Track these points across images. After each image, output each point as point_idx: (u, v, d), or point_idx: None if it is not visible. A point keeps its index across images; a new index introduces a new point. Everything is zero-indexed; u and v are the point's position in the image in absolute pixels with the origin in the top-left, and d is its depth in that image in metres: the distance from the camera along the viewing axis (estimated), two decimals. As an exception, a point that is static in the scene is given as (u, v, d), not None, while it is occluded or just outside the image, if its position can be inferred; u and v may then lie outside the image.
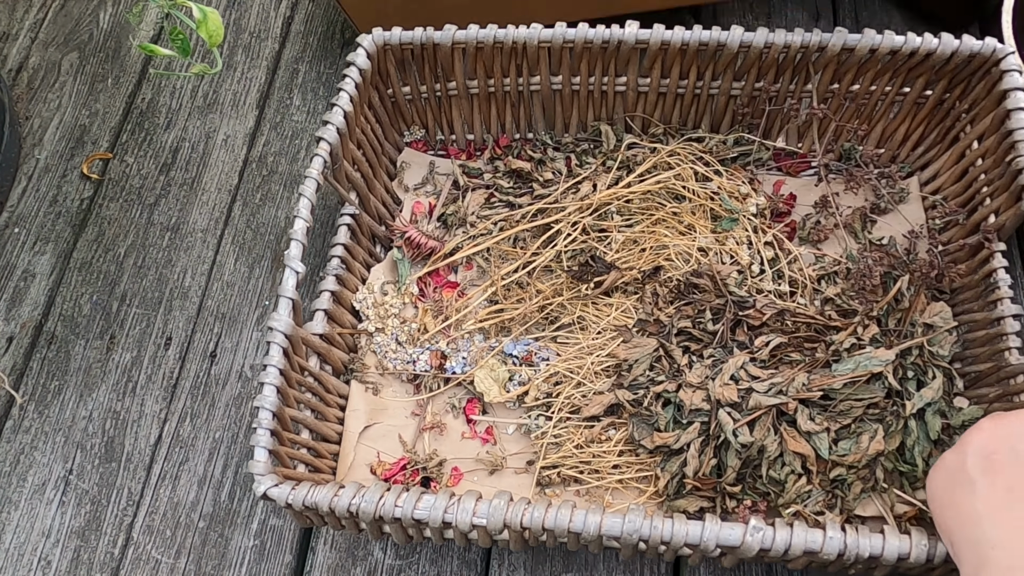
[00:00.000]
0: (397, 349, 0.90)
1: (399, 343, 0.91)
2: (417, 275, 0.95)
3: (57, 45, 1.22)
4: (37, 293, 1.03)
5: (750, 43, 0.87)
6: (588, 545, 0.70)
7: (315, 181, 0.83)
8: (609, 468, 0.83)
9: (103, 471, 0.92)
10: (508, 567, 0.85)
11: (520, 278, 0.93)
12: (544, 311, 0.91)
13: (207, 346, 0.99)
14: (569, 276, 0.90)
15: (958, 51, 0.86)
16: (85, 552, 0.88)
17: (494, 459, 0.85)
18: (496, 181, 1.00)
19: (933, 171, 0.95)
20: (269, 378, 0.75)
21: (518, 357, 0.89)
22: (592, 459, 0.83)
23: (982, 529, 0.58)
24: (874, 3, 1.16)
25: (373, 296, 0.92)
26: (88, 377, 0.97)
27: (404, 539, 0.74)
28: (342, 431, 0.87)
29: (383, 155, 1.00)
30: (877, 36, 0.86)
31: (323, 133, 0.85)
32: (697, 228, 0.92)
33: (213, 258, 1.04)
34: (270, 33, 1.21)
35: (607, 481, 0.83)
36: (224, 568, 0.87)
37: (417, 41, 0.92)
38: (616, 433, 0.85)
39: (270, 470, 0.72)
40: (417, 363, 0.90)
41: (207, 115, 1.15)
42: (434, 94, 0.99)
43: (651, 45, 0.89)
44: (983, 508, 0.59)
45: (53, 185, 1.10)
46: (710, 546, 0.65)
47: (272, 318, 0.76)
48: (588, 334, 0.90)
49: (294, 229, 0.81)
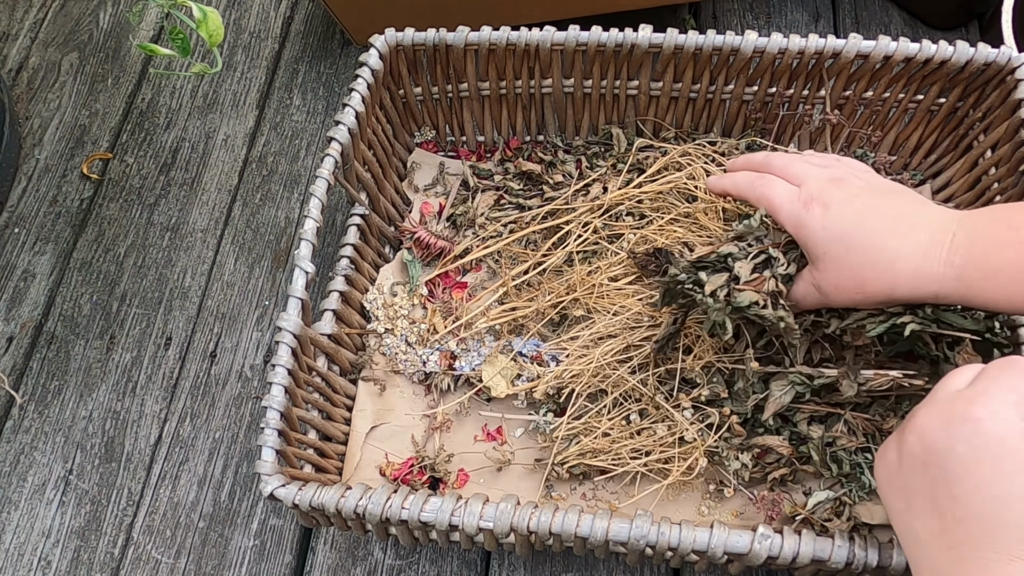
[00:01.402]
0: (407, 350, 0.90)
1: (409, 344, 0.90)
2: (427, 277, 0.94)
3: (57, 45, 1.22)
4: (37, 293, 1.02)
5: (763, 48, 0.87)
6: (594, 550, 0.70)
7: (326, 181, 0.82)
8: (629, 455, 0.82)
9: (103, 471, 0.92)
10: (508, 567, 0.85)
11: (531, 278, 0.92)
12: (557, 308, 0.90)
13: (207, 346, 0.98)
14: (634, 263, 0.89)
15: (973, 59, 0.86)
16: (85, 552, 0.88)
17: (502, 455, 0.85)
18: (506, 183, 0.99)
19: (946, 179, 0.95)
20: (277, 378, 0.74)
21: (527, 355, 0.88)
22: (612, 445, 0.81)
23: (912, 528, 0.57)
24: (874, 3, 1.16)
25: (383, 297, 0.92)
26: (88, 377, 0.97)
27: (410, 541, 0.74)
28: (349, 431, 0.87)
29: (393, 155, 0.99)
30: (892, 43, 0.86)
31: (335, 133, 0.84)
32: (711, 228, 0.91)
33: (213, 258, 1.04)
34: (270, 33, 1.21)
35: (631, 466, 0.81)
36: (224, 568, 0.87)
37: (429, 42, 0.91)
38: (637, 419, 0.83)
39: (277, 470, 0.72)
40: (427, 364, 0.89)
41: (207, 115, 1.14)
42: (445, 95, 0.99)
43: (664, 49, 0.89)
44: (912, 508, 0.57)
45: (53, 185, 1.10)
46: (717, 553, 0.65)
47: (281, 318, 0.76)
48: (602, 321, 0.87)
49: (304, 229, 0.80)
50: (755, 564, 0.66)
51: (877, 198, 0.69)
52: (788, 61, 0.88)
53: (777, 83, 0.92)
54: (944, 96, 0.92)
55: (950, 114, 0.93)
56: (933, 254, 0.64)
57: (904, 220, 0.66)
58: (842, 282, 0.69)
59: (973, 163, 0.92)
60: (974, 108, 0.91)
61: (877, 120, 0.95)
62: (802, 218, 0.71)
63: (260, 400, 0.87)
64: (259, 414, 0.93)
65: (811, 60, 0.88)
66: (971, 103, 0.91)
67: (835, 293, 0.70)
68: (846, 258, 0.68)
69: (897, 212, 0.67)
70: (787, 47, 0.87)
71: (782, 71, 0.90)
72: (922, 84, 0.91)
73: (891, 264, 0.66)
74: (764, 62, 0.89)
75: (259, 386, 0.95)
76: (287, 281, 1.01)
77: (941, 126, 0.95)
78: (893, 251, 0.65)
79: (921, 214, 0.67)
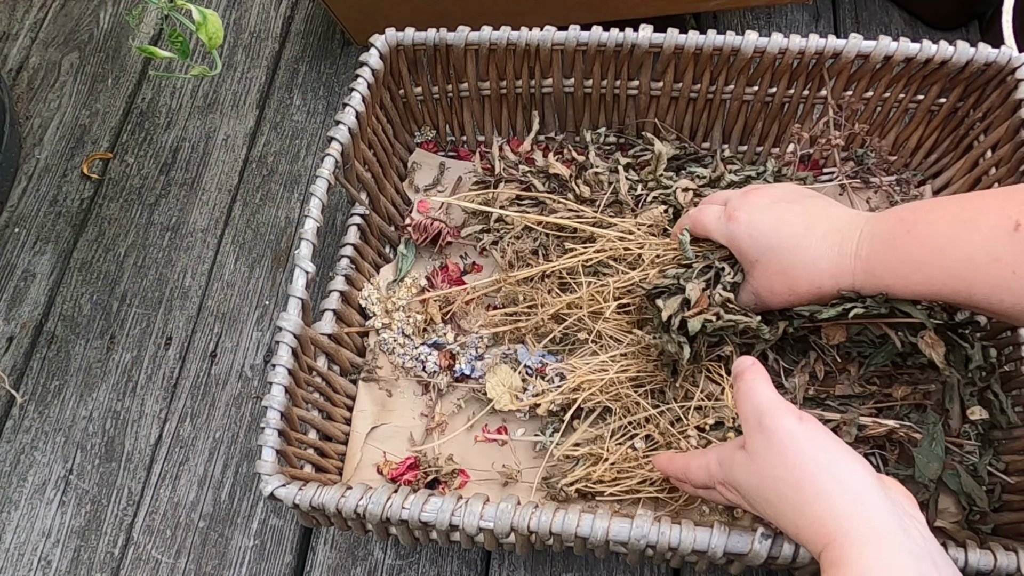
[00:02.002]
0: (404, 342, 0.90)
1: (405, 335, 0.90)
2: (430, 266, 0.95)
3: (57, 45, 1.22)
4: (37, 293, 1.02)
5: (764, 48, 0.87)
6: (595, 550, 0.70)
7: (326, 181, 0.83)
8: (636, 483, 0.81)
9: (103, 471, 0.92)
10: (508, 567, 0.85)
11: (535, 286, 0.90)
12: (562, 324, 0.88)
13: (207, 346, 0.98)
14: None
15: (973, 59, 0.86)
16: (85, 552, 0.88)
17: (509, 471, 0.84)
18: (531, 179, 0.96)
19: (946, 179, 0.95)
20: (278, 378, 0.74)
21: (531, 368, 0.88)
22: (618, 476, 0.81)
23: None
24: (874, 3, 1.17)
25: (378, 292, 0.92)
26: (88, 377, 0.97)
27: (410, 541, 0.74)
28: (349, 431, 0.87)
29: (394, 155, 0.99)
30: (892, 43, 0.86)
31: (335, 133, 0.84)
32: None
33: (213, 258, 1.04)
34: (270, 33, 1.21)
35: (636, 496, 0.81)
36: (224, 568, 0.87)
37: (430, 42, 0.92)
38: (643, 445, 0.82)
39: (277, 470, 0.72)
40: (426, 363, 0.89)
41: (207, 115, 1.14)
42: (446, 95, 0.99)
43: (664, 49, 0.89)
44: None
45: (53, 185, 1.10)
46: (718, 553, 0.65)
47: (282, 318, 0.76)
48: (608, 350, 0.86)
49: (305, 229, 0.80)
50: (755, 564, 0.66)
51: (793, 204, 0.75)
52: (788, 61, 0.88)
53: (777, 83, 0.92)
54: (944, 96, 0.92)
55: (950, 114, 0.93)
56: (845, 249, 0.70)
57: (820, 222, 0.72)
58: (775, 285, 0.74)
59: (973, 163, 0.92)
60: (974, 108, 0.91)
61: (877, 120, 0.95)
62: (730, 230, 0.76)
63: (260, 400, 0.87)
64: (259, 414, 0.93)
65: (811, 60, 0.88)
66: (971, 103, 0.91)
67: (771, 297, 0.76)
68: (775, 262, 0.73)
69: (813, 215, 0.73)
70: (787, 47, 0.87)
71: (782, 71, 0.90)
72: (922, 84, 0.91)
73: (814, 263, 0.71)
74: (764, 62, 0.89)
75: (259, 386, 0.95)
76: (287, 281, 1.01)
77: (941, 126, 0.95)
78: (814, 251, 0.71)
79: (834, 216, 0.72)
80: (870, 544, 0.55)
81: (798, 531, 0.59)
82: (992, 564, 0.65)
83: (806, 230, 0.72)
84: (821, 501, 0.57)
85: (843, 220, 0.71)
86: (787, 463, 0.59)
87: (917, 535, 0.56)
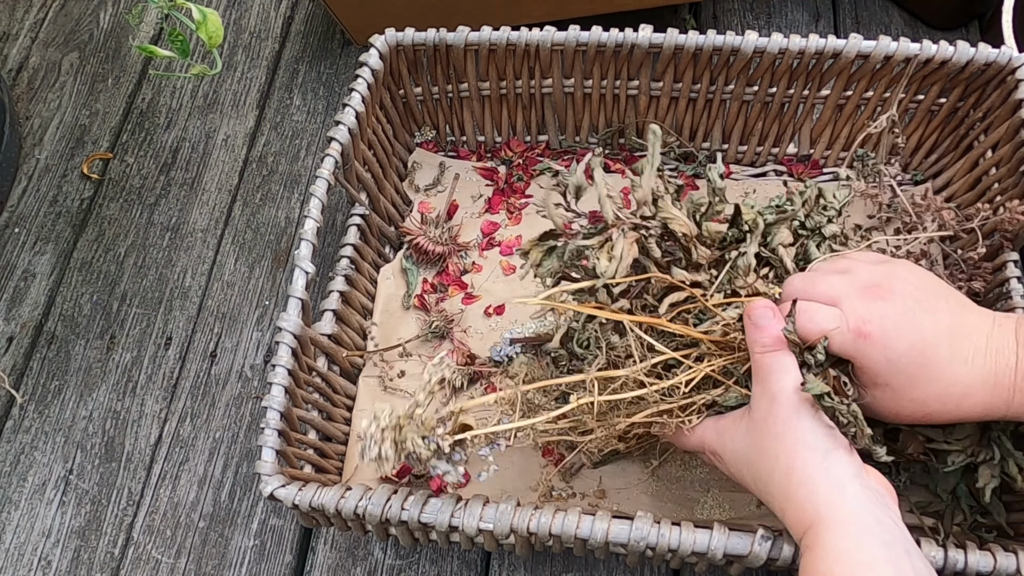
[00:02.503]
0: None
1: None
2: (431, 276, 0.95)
3: (57, 45, 1.22)
4: (37, 293, 1.02)
5: (764, 48, 0.87)
6: (594, 551, 0.70)
7: (326, 181, 0.83)
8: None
9: (103, 471, 0.92)
10: (508, 567, 0.85)
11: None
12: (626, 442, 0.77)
13: (207, 346, 0.98)
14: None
15: (973, 59, 0.86)
16: (85, 552, 0.88)
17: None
18: (648, 234, 0.67)
19: (946, 179, 0.95)
20: (277, 378, 0.74)
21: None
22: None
23: None
24: (874, 3, 1.16)
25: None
26: (88, 377, 0.97)
27: (410, 541, 0.74)
28: (349, 431, 0.87)
29: (394, 155, 0.99)
30: (892, 43, 0.86)
31: (335, 133, 0.84)
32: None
33: (213, 258, 1.04)
34: (270, 33, 1.21)
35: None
36: (224, 568, 0.87)
37: (430, 42, 0.92)
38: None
39: (277, 470, 0.72)
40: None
41: (207, 115, 1.14)
42: (445, 95, 0.99)
43: (664, 49, 0.89)
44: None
45: (53, 185, 1.10)
46: (718, 554, 0.65)
47: (281, 318, 0.76)
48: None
49: (305, 229, 0.80)
50: (755, 565, 0.66)
51: (927, 314, 0.64)
52: (788, 61, 0.88)
53: (777, 83, 0.92)
54: (944, 96, 0.92)
55: (950, 114, 0.93)
56: (1003, 382, 0.62)
57: (962, 339, 0.63)
58: (903, 410, 0.65)
59: (974, 163, 0.92)
60: (974, 108, 0.91)
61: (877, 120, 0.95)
62: (860, 349, 0.64)
63: (260, 400, 0.87)
64: (259, 414, 0.93)
65: (811, 60, 0.88)
66: (971, 103, 0.91)
67: (894, 419, 0.67)
68: (913, 391, 0.64)
69: (954, 330, 0.63)
70: (787, 47, 0.87)
71: (782, 71, 0.90)
72: (922, 84, 0.91)
73: (963, 396, 0.63)
74: (764, 62, 0.89)
75: (259, 386, 0.95)
76: (287, 281, 1.01)
77: (941, 126, 0.94)
78: (964, 383, 0.62)
79: (972, 329, 0.63)
80: (844, 530, 0.57)
81: (784, 513, 0.61)
82: (992, 565, 0.65)
83: (951, 353, 0.62)
84: (805, 486, 0.59)
85: (986, 334, 0.63)
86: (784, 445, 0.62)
87: (890, 523, 0.58)
